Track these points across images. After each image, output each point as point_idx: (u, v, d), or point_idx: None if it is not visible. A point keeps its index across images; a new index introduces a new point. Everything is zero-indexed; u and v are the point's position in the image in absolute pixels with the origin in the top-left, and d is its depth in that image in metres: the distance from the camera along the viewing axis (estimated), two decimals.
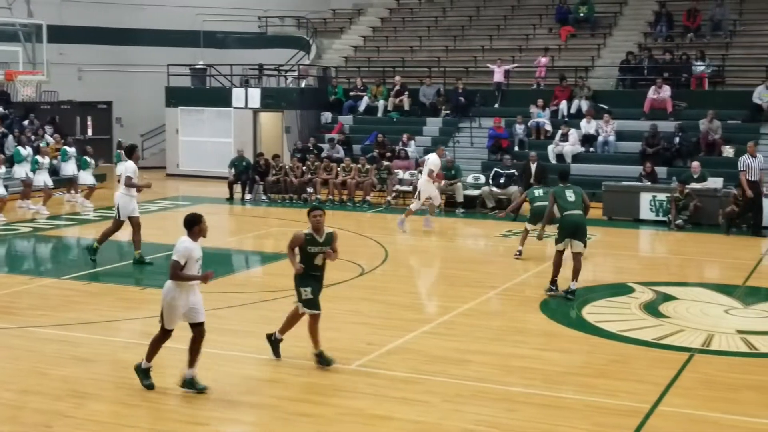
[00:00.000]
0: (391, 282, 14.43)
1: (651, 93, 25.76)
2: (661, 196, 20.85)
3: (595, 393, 8.85)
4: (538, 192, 16.58)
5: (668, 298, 13.11)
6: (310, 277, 9.46)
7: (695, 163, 21.89)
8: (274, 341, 9.81)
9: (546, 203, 13.87)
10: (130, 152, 15.62)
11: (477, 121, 27.45)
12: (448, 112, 28.29)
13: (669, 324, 11.57)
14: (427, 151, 26.19)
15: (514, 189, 22.53)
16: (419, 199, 19.54)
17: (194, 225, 8.66)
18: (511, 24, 32.31)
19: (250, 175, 25.07)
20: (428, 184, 19.43)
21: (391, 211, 22.49)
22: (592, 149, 25.27)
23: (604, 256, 17.24)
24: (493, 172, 23.20)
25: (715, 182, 21.00)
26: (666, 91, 25.63)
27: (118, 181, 16.79)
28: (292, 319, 9.68)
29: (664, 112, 25.49)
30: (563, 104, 26.88)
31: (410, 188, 23.74)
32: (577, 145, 25.20)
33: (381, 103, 29.27)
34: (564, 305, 12.58)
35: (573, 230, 12.68)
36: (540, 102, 26.82)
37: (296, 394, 8.80)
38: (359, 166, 24.52)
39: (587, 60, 29.12)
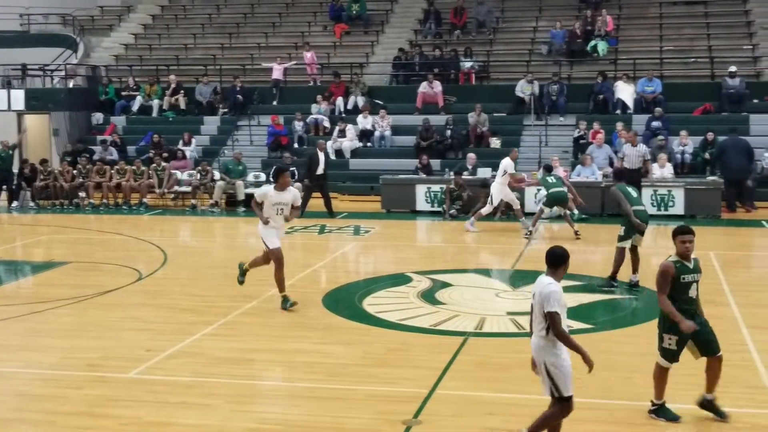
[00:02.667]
0: (171, 285, 14.12)
1: (423, 88, 26.63)
2: (436, 188, 21.62)
3: (376, 382, 9.04)
4: (551, 179, 17.76)
5: (444, 285, 13.60)
6: None
7: (471, 155, 22.89)
8: None
9: (561, 189, 16.70)
10: None
11: (256, 119, 27.35)
12: (226, 110, 28.01)
13: (445, 310, 12.01)
14: (207, 151, 25.82)
15: (297, 186, 22.57)
16: (492, 204, 18.97)
17: None
18: (287, 21, 32.42)
19: (16, 182, 23.75)
20: (503, 187, 18.67)
21: (171, 213, 21.97)
22: (369, 144, 25.82)
23: (384, 247, 17.65)
24: (273, 169, 23.09)
25: (484, 173, 22.00)
26: (437, 86, 26.59)
27: None
28: None
29: (436, 106, 26.45)
30: (340, 100, 27.28)
31: (189, 188, 23.31)
32: (354, 141, 25.67)
33: (156, 102, 28.55)
34: (345, 299, 12.79)
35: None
36: (320, 98, 27.10)
37: (74, 408, 8.41)
38: (134, 168, 23.80)
39: (361, 57, 29.70)
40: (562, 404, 7.00)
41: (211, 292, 13.50)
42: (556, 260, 7.11)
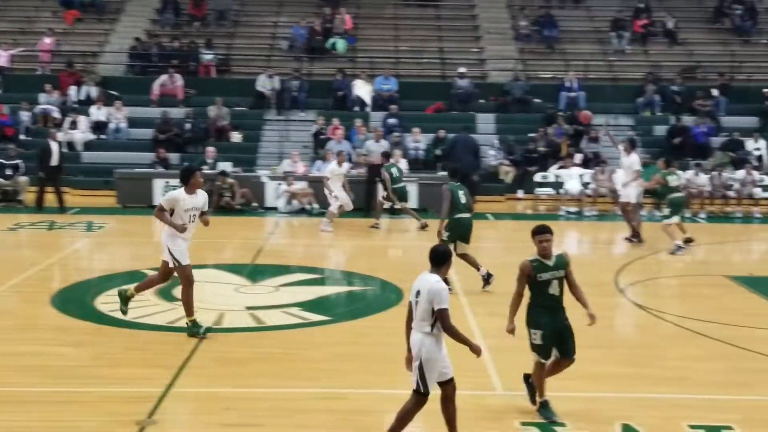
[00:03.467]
0: None
1: (162, 80, 25.95)
2: (174, 182, 21.14)
3: (109, 383, 8.71)
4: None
5: None
6: None
7: (210, 149, 22.59)
8: None
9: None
10: None
11: None
12: None
13: (182, 307, 11.77)
14: None
15: (23, 179, 21.33)
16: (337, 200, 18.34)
17: None
18: (12, 5, 30.43)
19: None
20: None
21: None
22: (103, 136, 24.81)
23: (119, 244, 17.06)
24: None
25: (224, 166, 21.79)
26: (178, 79, 26.02)
27: None
28: None
29: (175, 99, 25.88)
30: (72, 90, 26.00)
31: None
32: (87, 133, 24.57)
33: None
34: (76, 298, 12.22)
35: None
36: (48, 87, 25.66)
37: None
38: None
39: (95, 45, 28.48)
40: (419, 398, 7.13)
41: None
42: (440, 258, 7.12)
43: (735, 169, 22.29)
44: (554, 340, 8.00)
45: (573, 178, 21.83)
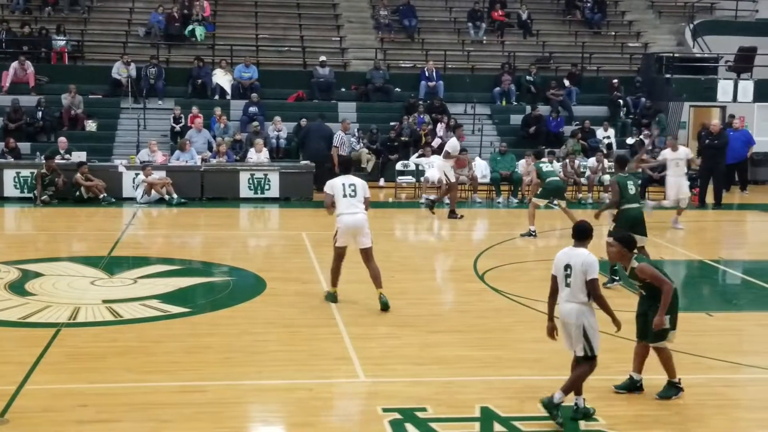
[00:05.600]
0: None
1: (13, 68, 24.84)
2: (26, 172, 20.35)
3: None
4: (547, 167, 16.68)
5: (36, 275, 12.86)
6: None
7: (62, 139, 21.83)
8: None
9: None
10: None
11: None
12: None
13: (35, 301, 11.36)
14: None
15: None
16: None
17: None
18: None
19: None
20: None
21: None
22: None
23: None
24: None
25: (79, 156, 21.06)
26: (29, 66, 24.97)
27: None
28: None
29: (26, 86, 24.84)
30: None
31: None
32: None
33: None
34: None
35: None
36: None
37: None
38: None
39: None
40: (591, 362, 7.73)
41: None
42: (584, 234, 7.90)
43: (586, 156, 23.14)
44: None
45: (433, 166, 22.16)
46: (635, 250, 8.25)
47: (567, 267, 7.71)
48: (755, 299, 12.91)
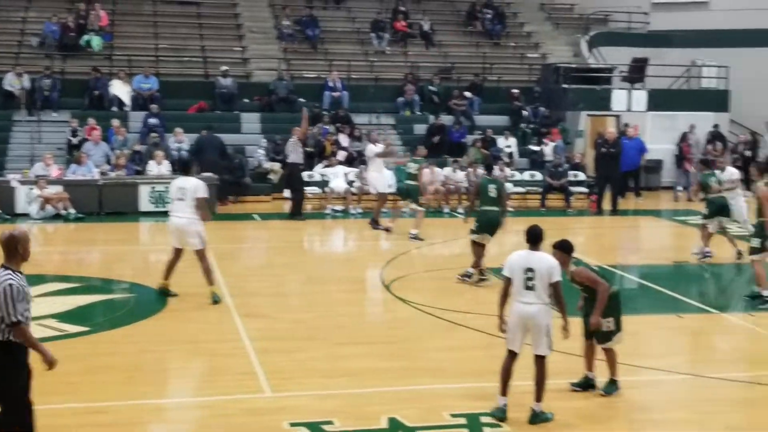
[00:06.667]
0: None
1: None
2: None
3: None
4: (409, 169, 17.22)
5: None
6: None
7: None
8: None
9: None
10: None
11: None
12: None
13: None
14: None
15: None
16: None
17: None
18: None
19: None
20: None
21: None
22: None
23: None
24: None
25: None
26: None
27: None
28: None
29: None
30: None
31: None
32: None
33: None
34: None
35: None
36: None
37: None
38: None
39: None
40: (545, 360, 7.96)
41: None
42: (540, 237, 8.09)
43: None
44: None
45: (338, 176, 22.16)
46: (573, 255, 8.52)
47: (529, 270, 7.86)
48: (651, 303, 13.27)
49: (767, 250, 12.35)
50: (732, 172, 15.81)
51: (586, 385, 8.75)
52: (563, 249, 8.41)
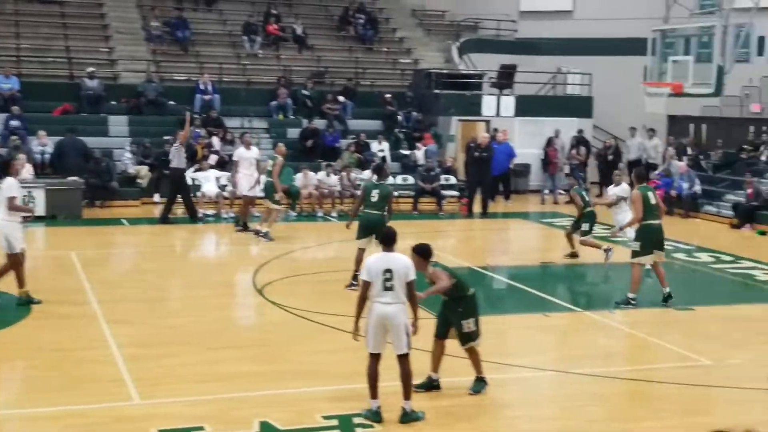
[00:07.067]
0: None
1: None
2: None
3: None
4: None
5: None
6: None
7: None
8: None
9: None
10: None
11: None
12: None
13: None
14: None
15: None
16: None
17: None
18: None
19: None
20: None
21: None
22: None
23: None
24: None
25: None
26: None
27: None
28: None
29: None
30: None
31: None
32: None
33: None
34: None
35: None
36: None
37: None
38: None
39: None
40: (408, 358, 8.06)
41: None
42: (392, 239, 8.21)
43: (362, 169, 23.62)
44: None
45: (210, 180, 21.88)
46: (431, 258, 8.65)
47: (387, 271, 7.96)
48: (519, 302, 13.64)
49: (647, 254, 12.74)
50: (624, 189, 16.16)
51: (429, 386, 8.84)
52: (422, 254, 8.56)
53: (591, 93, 28.36)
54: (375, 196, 13.41)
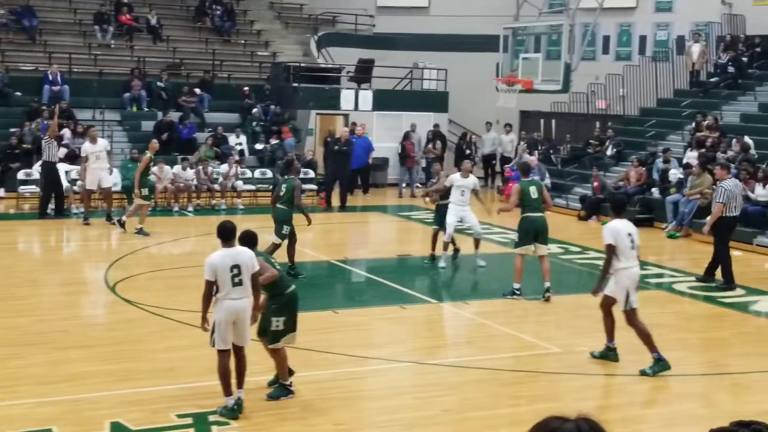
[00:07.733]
0: None
1: None
2: None
3: None
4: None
5: None
6: None
7: None
8: None
9: None
10: None
11: None
12: None
13: None
14: None
15: None
16: None
17: None
18: None
19: None
20: None
21: None
22: None
23: None
24: None
25: None
26: None
27: None
28: None
29: None
30: None
31: None
32: None
33: None
34: None
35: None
36: None
37: None
38: None
39: None
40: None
41: None
42: (231, 233, 8.04)
43: (220, 162, 23.31)
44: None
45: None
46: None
47: (235, 267, 7.88)
48: (377, 295, 13.79)
49: (525, 244, 13.01)
50: (474, 181, 16.24)
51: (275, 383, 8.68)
52: (247, 242, 8.27)
53: (446, 88, 28.88)
54: (283, 189, 13.81)
